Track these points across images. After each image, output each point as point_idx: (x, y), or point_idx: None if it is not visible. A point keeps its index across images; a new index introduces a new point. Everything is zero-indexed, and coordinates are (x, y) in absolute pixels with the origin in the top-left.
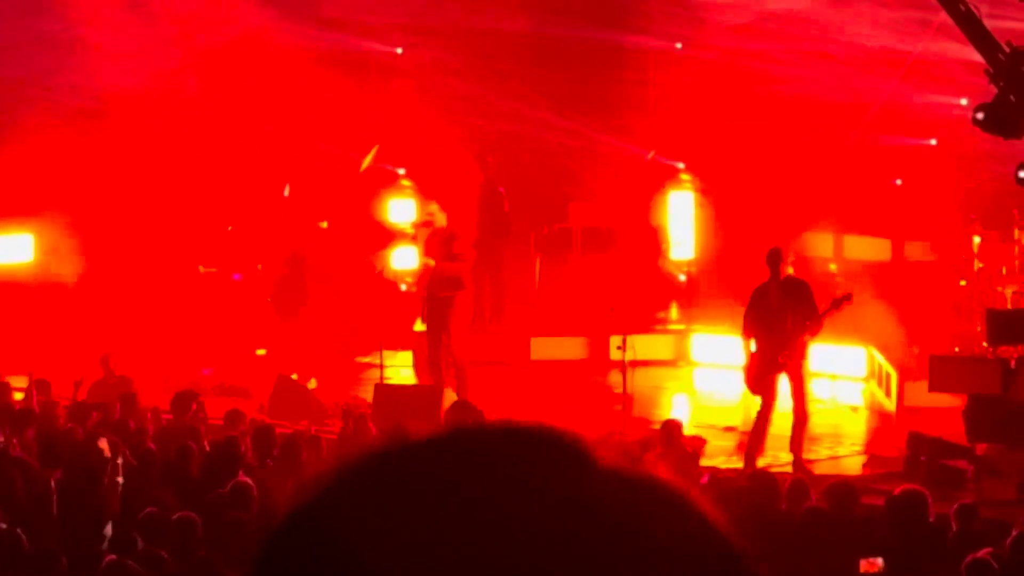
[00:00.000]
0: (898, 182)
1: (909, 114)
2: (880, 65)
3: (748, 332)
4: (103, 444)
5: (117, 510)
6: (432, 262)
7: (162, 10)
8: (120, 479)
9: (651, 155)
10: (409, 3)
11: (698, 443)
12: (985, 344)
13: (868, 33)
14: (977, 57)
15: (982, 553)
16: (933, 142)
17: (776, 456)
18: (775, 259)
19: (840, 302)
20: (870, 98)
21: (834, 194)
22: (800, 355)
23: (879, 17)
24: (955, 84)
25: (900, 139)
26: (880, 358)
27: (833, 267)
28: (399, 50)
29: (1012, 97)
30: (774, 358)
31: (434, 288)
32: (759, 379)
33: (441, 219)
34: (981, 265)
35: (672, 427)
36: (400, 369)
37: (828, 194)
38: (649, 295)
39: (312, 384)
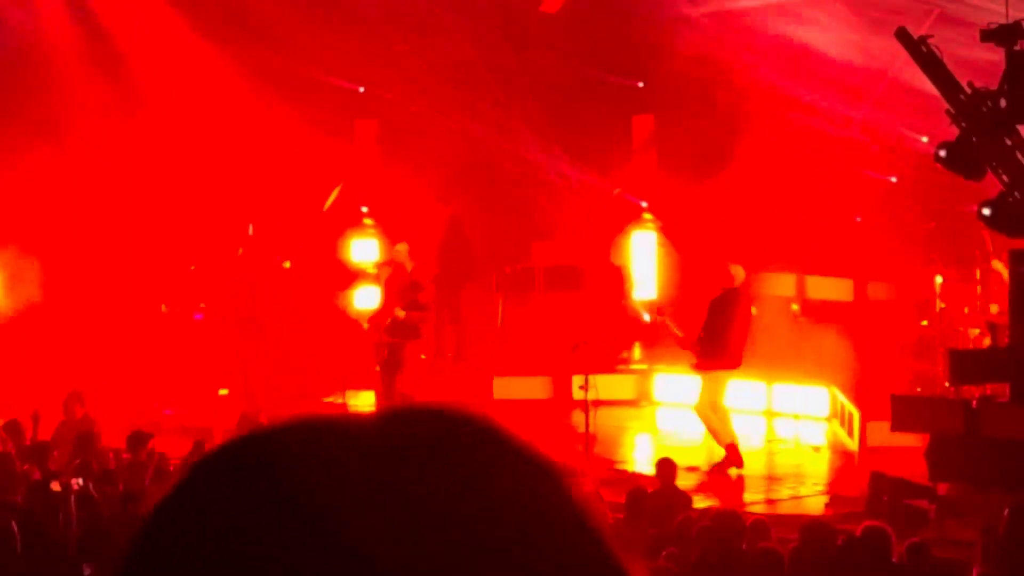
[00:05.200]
0: (858, 219)
1: (870, 150)
2: (842, 100)
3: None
4: (55, 486)
5: (74, 552)
6: (403, 313)
7: (126, 48)
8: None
9: (616, 191)
10: (370, 39)
11: None
12: (947, 384)
13: (829, 65)
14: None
15: None
16: (893, 179)
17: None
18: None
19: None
20: (832, 133)
21: (796, 232)
22: (700, 364)
23: (842, 50)
24: (916, 121)
25: (861, 173)
26: (843, 398)
27: (795, 307)
28: (361, 88)
29: (974, 138)
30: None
31: (393, 334)
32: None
33: (407, 262)
34: (943, 305)
35: (667, 466)
36: (364, 408)
37: (790, 232)
38: (612, 334)
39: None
